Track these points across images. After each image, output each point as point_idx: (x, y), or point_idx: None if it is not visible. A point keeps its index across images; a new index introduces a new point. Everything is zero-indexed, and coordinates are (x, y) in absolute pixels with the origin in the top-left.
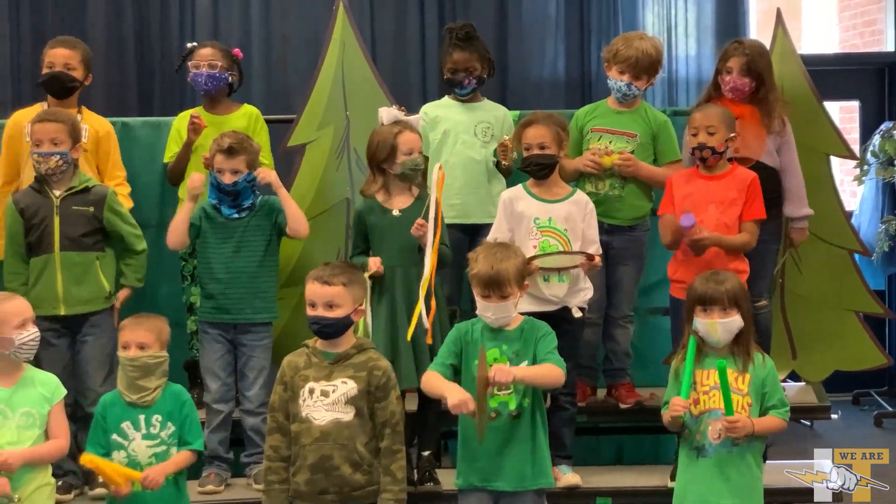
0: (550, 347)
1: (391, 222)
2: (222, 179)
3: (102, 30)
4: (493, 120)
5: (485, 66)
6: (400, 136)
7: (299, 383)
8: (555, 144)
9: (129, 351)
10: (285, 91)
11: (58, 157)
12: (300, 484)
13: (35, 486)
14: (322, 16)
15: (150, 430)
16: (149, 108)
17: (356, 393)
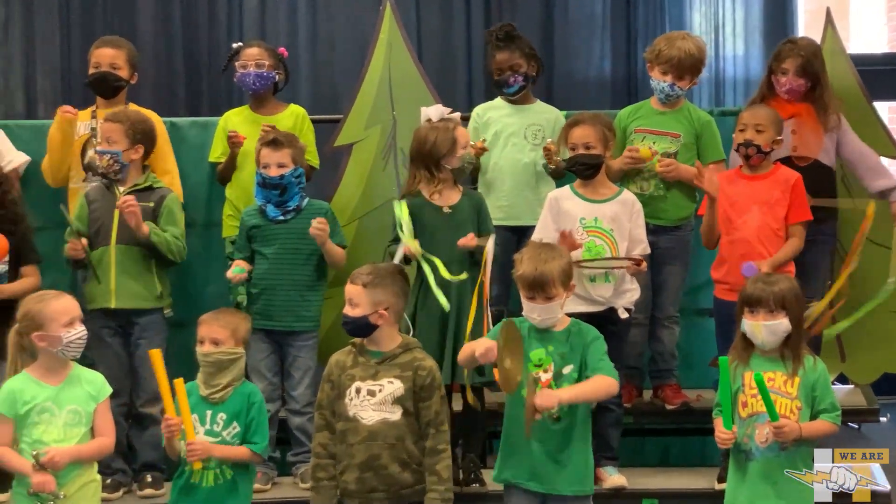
0: (600, 355)
1: (442, 220)
2: (268, 174)
3: (151, 30)
4: (545, 122)
5: (532, 63)
6: (457, 131)
7: (346, 382)
8: (601, 144)
9: (204, 346)
10: (332, 91)
11: (109, 156)
12: (349, 483)
13: (80, 483)
14: (368, 15)
15: (213, 426)
16: (197, 107)
17: (402, 393)
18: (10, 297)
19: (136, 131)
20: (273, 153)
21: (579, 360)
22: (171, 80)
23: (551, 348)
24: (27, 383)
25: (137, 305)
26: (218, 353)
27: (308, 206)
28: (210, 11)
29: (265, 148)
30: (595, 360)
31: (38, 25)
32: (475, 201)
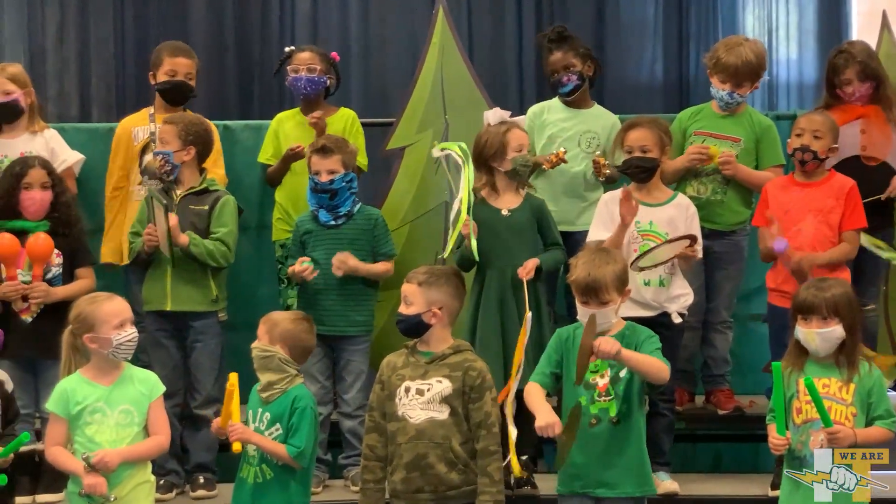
0: (654, 348)
1: (500, 222)
2: (319, 179)
3: (204, 33)
4: (600, 129)
5: (587, 63)
6: (509, 133)
7: (396, 382)
8: (657, 148)
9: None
10: (383, 94)
11: (161, 156)
12: (397, 483)
13: (134, 483)
14: (420, 19)
15: (258, 425)
16: (248, 110)
17: (450, 392)
18: (64, 299)
19: (189, 133)
20: (323, 160)
21: None
22: (223, 84)
23: None
24: (80, 384)
25: (192, 308)
26: (255, 350)
27: (359, 212)
28: (262, 15)
29: (315, 155)
30: (648, 352)
31: (92, 30)
32: (537, 207)
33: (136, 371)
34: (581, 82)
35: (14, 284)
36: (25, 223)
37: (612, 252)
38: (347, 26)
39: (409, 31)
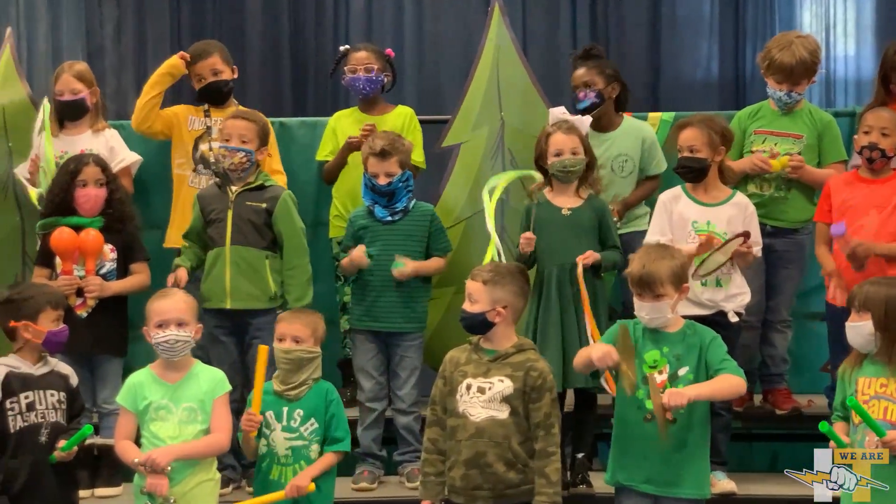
0: (722, 354)
1: (559, 221)
2: (377, 182)
3: (259, 31)
4: (631, 149)
5: (612, 85)
6: (550, 137)
7: (458, 378)
8: (707, 148)
9: (284, 343)
10: (437, 91)
11: (243, 154)
12: (455, 479)
13: (196, 481)
14: (474, 16)
15: (290, 423)
16: (303, 108)
17: (511, 392)
18: (116, 294)
19: (264, 132)
20: (380, 163)
21: (696, 362)
22: (278, 81)
23: (666, 349)
24: (148, 379)
25: (251, 306)
26: (299, 350)
27: (415, 208)
28: (317, 12)
29: (373, 158)
30: (718, 360)
31: (149, 28)
32: (599, 208)
33: (203, 369)
34: (599, 101)
35: (69, 278)
36: (80, 219)
37: (670, 248)
38: (402, 24)
39: (464, 29)
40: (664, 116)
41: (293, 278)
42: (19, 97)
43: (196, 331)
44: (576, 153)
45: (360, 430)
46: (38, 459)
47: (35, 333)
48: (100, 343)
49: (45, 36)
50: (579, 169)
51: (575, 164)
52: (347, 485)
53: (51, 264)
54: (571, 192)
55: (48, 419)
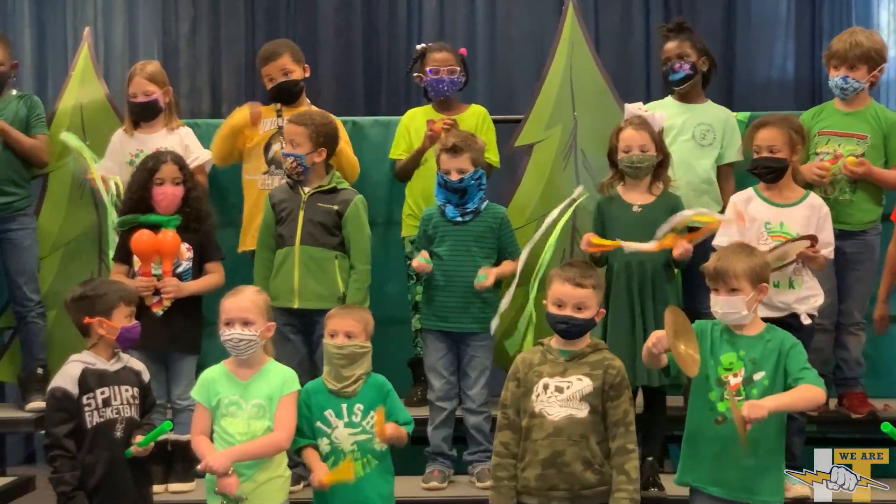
0: (803, 363)
1: (630, 217)
2: (449, 178)
3: (332, 30)
4: (715, 121)
5: (703, 58)
6: (621, 133)
7: (533, 379)
8: (786, 148)
9: (337, 339)
10: (509, 91)
11: (292, 158)
12: (530, 479)
13: (265, 478)
14: (546, 15)
15: (351, 418)
16: (375, 107)
17: (591, 390)
18: (192, 294)
19: (319, 134)
20: (452, 159)
21: (773, 368)
22: (351, 80)
23: (742, 353)
24: (221, 375)
25: (320, 306)
26: (352, 345)
27: (486, 210)
28: (390, 11)
29: (445, 154)
30: (797, 369)
31: (224, 28)
32: (671, 204)
33: (275, 367)
34: (693, 73)
35: (147, 280)
36: (158, 217)
37: (749, 246)
38: (474, 23)
39: (536, 28)
40: (739, 116)
41: (355, 282)
42: (97, 96)
43: (266, 329)
44: (645, 150)
45: (431, 429)
46: (114, 454)
47: (109, 329)
48: (174, 341)
49: (122, 35)
50: (648, 166)
51: (643, 160)
52: (417, 484)
53: (129, 261)
54: (643, 188)
55: (123, 414)
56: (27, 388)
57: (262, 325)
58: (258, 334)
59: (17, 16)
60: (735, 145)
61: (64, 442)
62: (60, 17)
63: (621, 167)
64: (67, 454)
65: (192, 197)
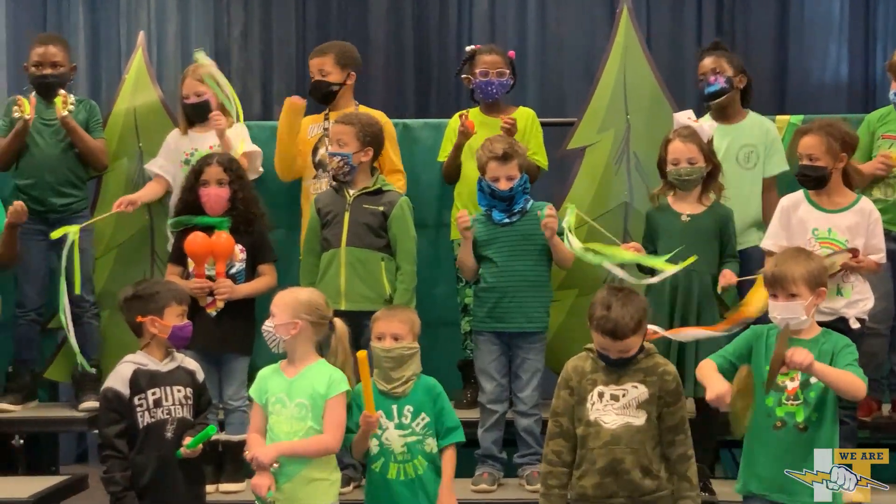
0: (850, 360)
1: (678, 227)
2: (499, 186)
3: (383, 32)
4: (757, 141)
5: (739, 76)
6: (669, 145)
7: (587, 387)
8: (827, 156)
9: (384, 342)
10: (559, 94)
11: (339, 158)
12: (587, 488)
13: (308, 479)
14: (598, 18)
15: (401, 419)
16: (425, 109)
17: (647, 397)
18: (245, 296)
19: (366, 134)
20: (502, 166)
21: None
22: (401, 82)
23: None
24: (272, 373)
25: (367, 308)
26: (400, 347)
27: (533, 208)
28: (441, 14)
29: (493, 162)
30: (843, 364)
31: (275, 30)
32: (722, 216)
33: (323, 367)
34: (728, 87)
35: (201, 282)
36: (209, 219)
37: (810, 253)
38: (525, 25)
39: (587, 31)
40: (792, 119)
41: (402, 283)
42: (151, 100)
43: (290, 325)
44: (693, 162)
45: (481, 431)
46: (165, 455)
47: (161, 328)
48: (227, 342)
49: (175, 38)
50: (696, 178)
51: (691, 173)
52: (467, 486)
53: (184, 262)
54: (693, 198)
55: (174, 415)
56: (81, 387)
57: (283, 320)
58: (273, 326)
59: (72, 20)
60: (776, 157)
61: (115, 442)
62: (114, 20)
63: (670, 179)
64: (118, 454)
65: (239, 198)
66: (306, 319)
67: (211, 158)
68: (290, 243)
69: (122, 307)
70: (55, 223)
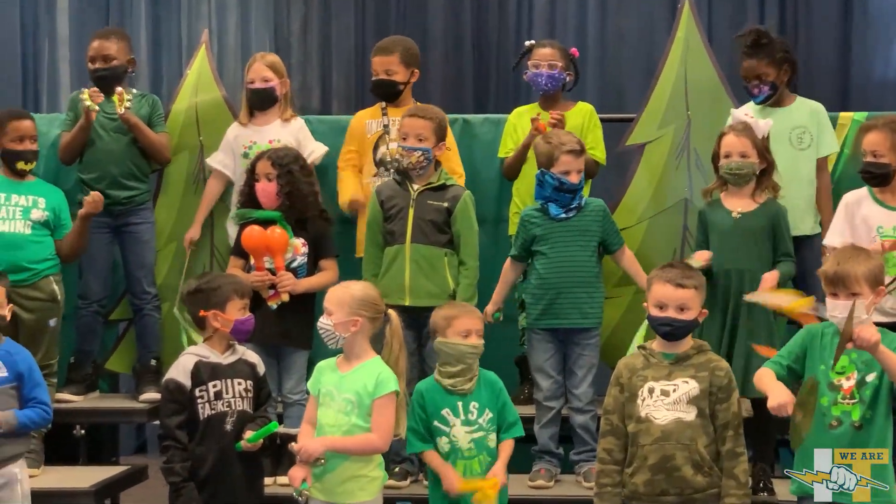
0: None
1: (728, 224)
2: (568, 179)
3: (441, 28)
4: (808, 121)
5: (783, 69)
6: (723, 138)
7: (637, 383)
8: (892, 152)
9: (471, 338)
10: (618, 90)
11: (420, 153)
12: (638, 485)
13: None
14: (658, 14)
15: (468, 416)
16: (484, 104)
17: (698, 393)
18: (306, 290)
19: (441, 129)
20: (576, 160)
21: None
22: (460, 78)
23: (854, 356)
24: (327, 366)
25: (431, 303)
26: (481, 344)
27: (587, 204)
28: (500, 9)
29: (566, 156)
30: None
31: (334, 24)
32: (774, 213)
33: (375, 365)
34: (773, 92)
35: (262, 275)
36: (266, 213)
37: (866, 251)
38: (584, 21)
39: (647, 27)
40: (856, 116)
41: (465, 278)
42: (213, 96)
43: (349, 322)
44: (745, 156)
45: (538, 427)
46: (224, 447)
47: (223, 322)
48: (287, 335)
49: (235, 32)
50: (748, 173)
51: (742, 167)
52: (524, 481)
53: (246, 255)
54: (746, 194)
55: (234, 407)
56: (141, 379)
57: (342, 318)
58: (332, 325)
59: (134, 15)
60: (828, 137)
61: (176, 433)
62: (175, 15)
63: (721, 173)
64: (179, 445)
65: (285, 193)
66: (365, 316)
67: (263, 154)
68: (346, 238)
69: (184, 301)
70: (118, 216)
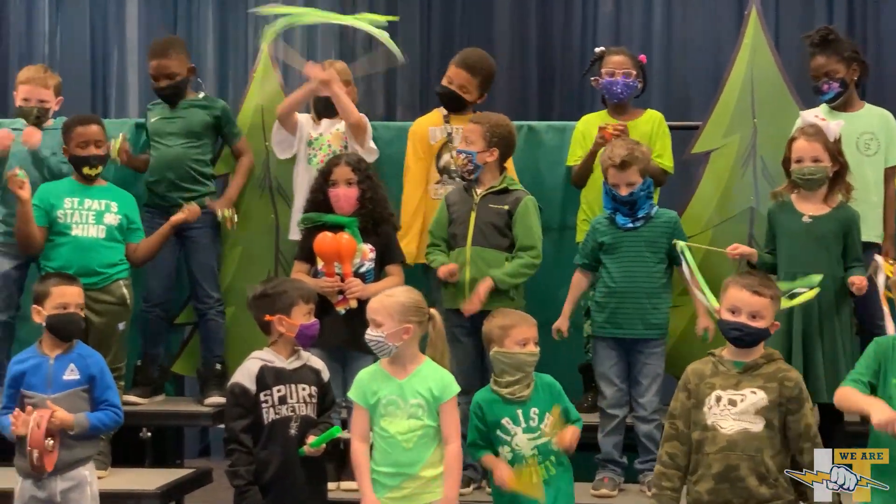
0: None
1: (800, 227)
2: (619, 192)
3: (507, 35)
4: (877, 128)
5: (852, 67)
6: (794, 143)
7: (705, 391)
8: None
9: (529, 346)
10: (685, 97)
11: (464, 155)
12: (702, 493)
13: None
14: (724, 21)
15: (528, 423)
16: (548, 112)
17: (766, 404)
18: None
19: (493, 134)
20: (620, 174)
21: None
22: (525, 85)
23: None
24: (376, 375)
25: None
26: (538, 352)
27: (658, 215)
28: (565, 17)
29: (612, 169)
30: None
31: (400, 31)
32: (846, 218)
33: (431, 367)
34: (843, 89)
35: (331, 281)
36: (337, 218)
37: None
38: (650, 28)
39: (713, 34)
40: None
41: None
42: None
43: (402, 331)
44: (817, 161)
45: (601, 436)
46: (288, 451)
47: (288, 327)
48: (353, 340)
49: (301, 39)
50: (820, 177)
51: (814, 172)
52: (587, 490)
53: (311, 259)
54: (818, 198)
55: (298, 413)
56: (206, 383)
57: (393, 327)
58: (385, 336)
59: (202, 21)
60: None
61: (241, 437)
62: (242, 19)
63: (793, 178)
64: (243, 449)
65: (367, 198)
66: (414, 321)
67: (339, 159)
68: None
69: (250, 306)
70: None
